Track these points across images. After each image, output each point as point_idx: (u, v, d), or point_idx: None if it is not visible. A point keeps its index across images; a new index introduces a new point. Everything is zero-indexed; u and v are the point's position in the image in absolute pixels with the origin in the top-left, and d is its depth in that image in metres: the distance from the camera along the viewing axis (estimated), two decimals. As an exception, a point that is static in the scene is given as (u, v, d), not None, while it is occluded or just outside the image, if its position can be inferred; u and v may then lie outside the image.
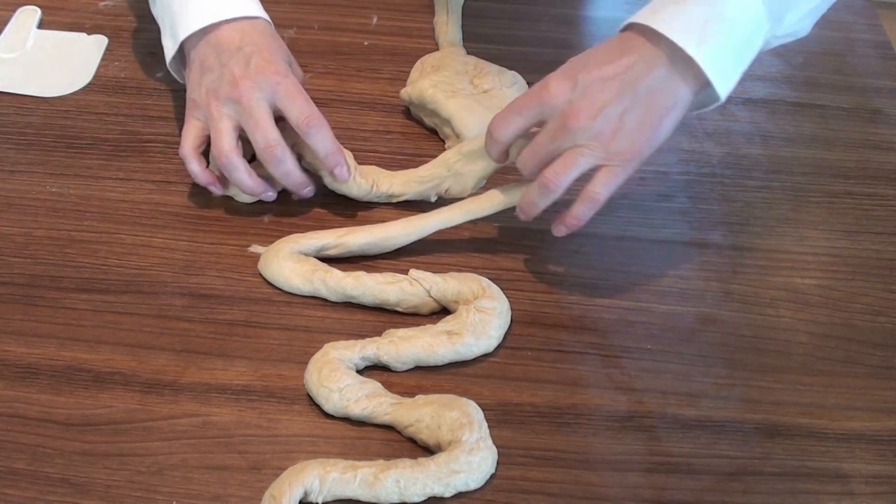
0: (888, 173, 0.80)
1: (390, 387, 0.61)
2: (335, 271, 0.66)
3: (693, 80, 0.61)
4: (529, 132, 0.64)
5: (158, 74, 0.83)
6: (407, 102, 0.80)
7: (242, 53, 0.68)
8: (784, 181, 0.78)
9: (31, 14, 0.88)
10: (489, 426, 0.59)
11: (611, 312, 0.68)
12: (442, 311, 0.66)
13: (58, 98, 0.81)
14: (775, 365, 0.65)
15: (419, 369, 0.63)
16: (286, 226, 0.71)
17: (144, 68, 0.84)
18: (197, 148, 0.69)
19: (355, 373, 0.61)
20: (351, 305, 0.67)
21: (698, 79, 0.61)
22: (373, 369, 0.63)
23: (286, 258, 0.67)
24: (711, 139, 0.81)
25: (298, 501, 0.55)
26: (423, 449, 0.59)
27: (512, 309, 0.66)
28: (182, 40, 0.69)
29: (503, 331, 0.65)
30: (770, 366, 0.65)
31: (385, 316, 0.66)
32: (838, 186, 0.78)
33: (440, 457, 0.56)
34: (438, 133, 0.79)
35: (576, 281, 0.69)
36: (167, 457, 0.58)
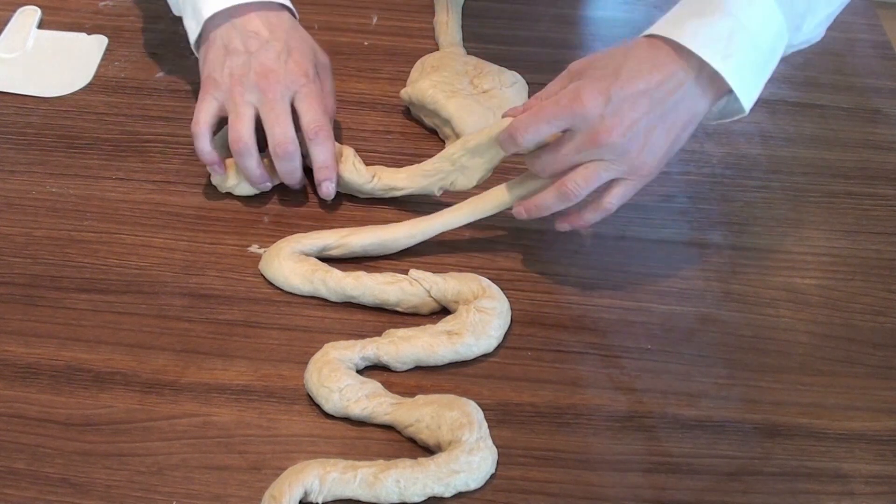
0: (888, 173, 0.80)
1: (390, 387, 0.61)
2: (335, 271, 0.66)
3: (714, 92, 0.61)
4: None
5: (158, 74, 0.83)
6: (407, 102, 0.80)
7: (273, 47, 0.69)
8: (784, 181, 0.78)
9: (31, 14, 0.88)
10: (489, 426, 0.59)
11: (611, 312, 0.68)
12: (442, 311, 0.66)
13: (58, 98, 0.81)
14: (775, 365, 0.65)
15: (419, 369, 0.63)
16: (286, 226, 0.71)
17: (144, 68, 0.84)
18: (210, 126, 0.70)
19: (355, 373, 0.61)
20: (351, 305, 0.67)
21: (720, 90, 0.61)
22: (373, 369, 0.63)
23: (286, 258, 0.67)
24: (711, 139, 0.81)
25: (298, 501, 0.55)
26: (423, 449, 0.59)
27: (512, 309, 0.66)
28: (206, 19, 0.70)
29: (503, 331, 0.65)
30: (770, 366, 0.65)
31: (385, 316, 0.66)
32: (838, 186, 0.78)
33: (440, 457, 0.56)
34: (438, 133, 0.79)
35: (576, 281, 0.69)
36: (167, 457, 0.58)
